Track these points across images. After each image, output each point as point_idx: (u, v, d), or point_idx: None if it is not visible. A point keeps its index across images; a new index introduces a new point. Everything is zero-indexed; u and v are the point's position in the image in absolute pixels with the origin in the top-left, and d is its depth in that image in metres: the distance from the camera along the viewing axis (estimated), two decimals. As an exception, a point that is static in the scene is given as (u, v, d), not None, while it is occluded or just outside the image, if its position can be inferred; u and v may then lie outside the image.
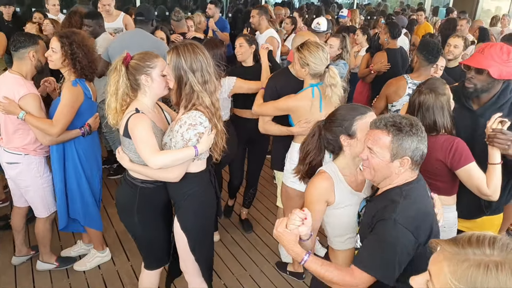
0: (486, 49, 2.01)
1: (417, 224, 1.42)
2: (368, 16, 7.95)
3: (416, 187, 1.52)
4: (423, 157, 1.49)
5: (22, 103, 2.41)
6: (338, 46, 3.65)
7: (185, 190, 2.03)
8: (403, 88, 3.09)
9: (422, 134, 1.47)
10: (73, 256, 3.06)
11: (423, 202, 1.51)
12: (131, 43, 3.30)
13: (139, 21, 3.60)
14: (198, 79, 1.87)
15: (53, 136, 2.42)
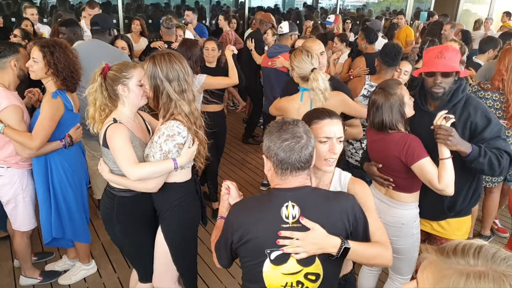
0: (445, 53, 2.06)
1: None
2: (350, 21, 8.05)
3: (274, 196, 1.44)
4: (283, 163, 1.38)
5: (3, 116, 2.35)
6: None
7: (171, 200, 2.02)
8: (360, 89, 3.19)
9: (276, 136, 1.38)
10: (58, 270, 3.01)
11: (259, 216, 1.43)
12: (88, 54, 3.01)
13: (94, 30, 3.39)
14: (175, 88, 1.87)
15: (32, 150, 2.36)
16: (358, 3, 12.26)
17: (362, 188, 1.63)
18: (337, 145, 1.59)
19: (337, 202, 1.45)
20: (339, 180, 1.67)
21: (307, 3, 10.19)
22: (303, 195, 1.42)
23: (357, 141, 3.13)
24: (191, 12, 5.62)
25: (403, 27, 7.09)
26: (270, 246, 1.40)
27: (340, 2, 9.93)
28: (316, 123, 1.60)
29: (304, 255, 1.38)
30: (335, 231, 1.39)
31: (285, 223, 1.39)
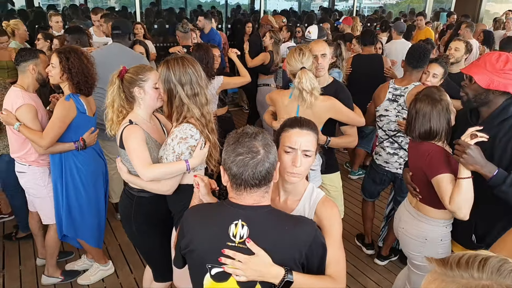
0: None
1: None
2: (368, 23, 7.99)
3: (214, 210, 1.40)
4: (236, 178, 1.29)
5: (17, 114, 2.50)
6: (332, 54, 3.67)
7: (183, 202, 2.04)
8: (384, 93, 3.08)
9: (231, 149, 1.29)
10: (78, 270, 3.10)
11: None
12: (109, 58, 3.19)
13: (115, 35, 3.50)
14: (187, 91, 1.91)
15: (42, 148, 2.47)
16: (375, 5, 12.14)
17: (331, 211, 1.52)
18: (301, 158, 1.48)
19: (292, 230, 1.33)
20: (310, 198, 1.57)
21: (323, 6, 10.14)
22: (256, 216, 1.32)
23: (401, 149, 3.00)
24: (203, 17, 5.66)
25: (423, 28, 6.94)
26: (211, 261, 1.34)
27: (357, 4, 9.84)
28: (286, 131, 1.53)
29: (243, 278, 1.31)
30: (282, 260, 1.31)
31: (231, 241, 1.31)
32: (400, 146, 3.02)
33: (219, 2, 8.71)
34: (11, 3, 6.83)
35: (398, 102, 2.98)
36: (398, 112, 2.99)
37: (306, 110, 2.44)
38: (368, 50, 4.44)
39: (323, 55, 2.68)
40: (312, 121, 1.58)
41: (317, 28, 4.26)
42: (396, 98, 2.99)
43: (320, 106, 2.46)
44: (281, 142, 1.52)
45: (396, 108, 3.00)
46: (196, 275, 1.42)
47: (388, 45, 5.42)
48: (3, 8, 6.81)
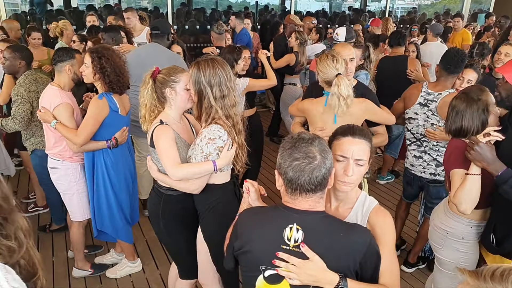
0: None
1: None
2: (401, 24, 7.80)
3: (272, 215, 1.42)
4: (292, 183, 1.29)
5: (55, 113, 2.59)
6: (360, 57, 3.64)
7: (209, 201, 2.09)
8: (416, 96, 2.99)
9: (288, 154, 1.29)
10: (107, 263, 3.19)
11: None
12: (146, 57, 3.32)
13: (154, 35, 3.60)
14: (216, 93, 1.94)
15: (76, 145, 2.56)
16: (409, 5, 11.85)
17: (384, 220, 1.50)
18: (353, 167, 1.46)
19: (347, 236, 1.33)
20: (362, 206, 1.55)
21: (353, 7, 9.99)
22: (311, 220, 1.33)
23: (426, 153, 2.96)
24: (234, 17, 5.70)
25: (460, 30, 6.71)
26: (265, 263, 1.36)
27: (390, 4, 9.63)
28: (337, 139, 1.52)
29: (297, 282, 1.32)
30: (337, 267, 1.31)
31: (285, 244, 1.33)
32: (425, 151, 2.97)
33: (250, 3, 8.75)
34: (50, 3, 7.12)
35: (429, 107, 2.90)
36: (428, 117, 2.92)
37: (345, 115, 2.39)
38: (396, 52, 4.34)
39: (351, 59, 2.66)
40: (366, 129, 1.57)
41: (345, 30, 4.23)
42: (428, 103, 2.91)
43: (357, 109, 2.43)
44: (333, 151, 1.48)
45: (426, 113, 2.92)
46: (248, 276, 1.44)
47: (423, 47, 5.27)
48: (42, 8, 7.10)
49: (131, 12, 4.74)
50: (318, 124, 2.51)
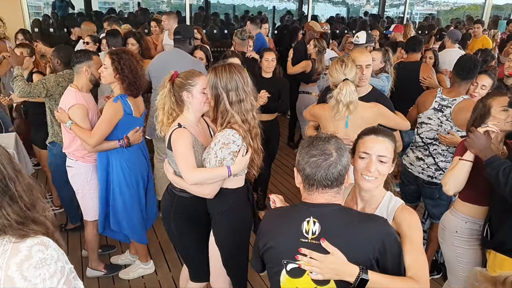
0: None
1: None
2: (419, 30, 7.70)
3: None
4: (309, 178, 1.36)
5: (70, 113, 2.64)
6: (381, 59, 3.65)
7: (222, 205, 2.09)
8: (430, 101, 2.97)
9: (305, 151, 1.37)
10: (120, 264, 3.22)
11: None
12: (168, 62, 3.43)
13: (176, 40, 3.65)
14: (232, 98, 1.95)
15: (90, 146, 2.60)
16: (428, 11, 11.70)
17: (410, 217, 1.52)
18: (376, 163, 1.53)
19: (364, 225, 1.37)
20: (387, 206, 1.58)
21: (369, 12, 9.89)
22: (327, 212, 1.38)
23: (429, 156, 2.96)
24: (249, 22, 5.72)
25: (480, 37, 6.61)
26: (287, 257, 1.41)
27: (408, 10, 9.53)
28: (361, 138, 1.59)
29: (320, 276, 1.35)
30: (356, 258, 1.33)
31: (304, 237, 1.38)
32: (430, 154, 2.96)
33: (267, 8, 8.78)
34: (72, 6, 7.27)
35: (443, 113, 2.89)
36: (441, 123, 2.90)
37: (356, 120, 2.42)
38: (411, 57, 4.29)
39: (367, 65, 2.64)
40: (389, 130, 1.63)
41: (366, 33, 4.21)
42: (442, 109, 2.90)
43: (369, 113, 2.45)
44: (357, 149, 1.58)
45: (440, 118, 2.91)
46: (274, 273, 1.49)
47: (442, 54, 5.19)
48: (64, 11, 7.26)
49: (167, 16, 4.78)
50: (330, 129, 2.52)
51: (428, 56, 4.60)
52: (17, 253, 1.07)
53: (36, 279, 1.07)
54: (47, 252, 1.11)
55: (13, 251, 1.07)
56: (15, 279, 1.05)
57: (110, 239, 3.41)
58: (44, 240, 1.13)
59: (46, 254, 1.11)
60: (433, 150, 2.95)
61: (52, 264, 1.11)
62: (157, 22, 5.39)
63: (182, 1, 7.37)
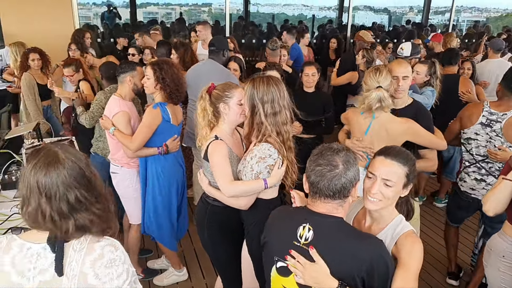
0: None
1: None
2: (466, 39, 7.38)
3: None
4: (313, 186, 1.42)
5: (114, 120, 2.76)
6: (426, 73, 3.52)
7: (255, 215, 2.10)
8: (477, 115, 2.80)
9: (313, 159, 1.42)
10: (157, 269, 3.30)
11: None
12: (202, 73, 3.52)
13: (210, 51, 3.72)
14: (267, 110, 1.97)
15: (131, 151, 2.70)
16: (476, 18, 11.21)
17: (412, 246, 1.48)
18: (379, 185, 1.50)
19: (356, 243, 1.39)
20: (394, 229, 1.55)
21: (412, 20, 9.58)
22: (323, 223, 1.42)
23: (489, 175, 2.81)
24: (285, 32, 5.72)
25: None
26: (278, 255, 1.49)
27: (454, 17, 9.14)
28: (374, 157, 1.60)
29: (301, 281, 1.41)
30: (340, 272, 1.36)
31: (297, 241, 1.44)
32: (489, 172, 2.79)
33: (306, 16, 8.76)
34: (119, 17, 7.62)
35: (492, 128, 2.73)
36: (490, 138, 2.74)
37: (381, 131, 2.39)
38: (448, 70, 4.07)
39: (404, 77, 2.56)
40: (407, 154, 1.58)
41: (411, 45, 4.06)
42: (491, 124, 2.74)
43: (396, 128, 2.39)
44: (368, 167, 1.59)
45: (489, 133, 2.75)
46: (267, 266, 1.59)
47: (482, 64, 4.92)
48: (112, 21, 7.62)
49: (203, 26, 4.90)
50: (356, 133, 2.53)
51: (466, 67, 4.40)
52: (92, 251, 1.20)
53: (105, 278, 1.19)
54: (116, 253, 1.22)
55: (89, 250, 1.20)
56: (88, 275, 1.18)
57: (147, 243, 3.50)
58: (114, 242, 1.25)
59: (116, 255, 1.22)
60: (490, 167, 2.80)
61: (120, 265, 1.22)
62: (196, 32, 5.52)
63: (222, 11, 7.50)
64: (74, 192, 1.17)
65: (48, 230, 1.18)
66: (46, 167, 1.15)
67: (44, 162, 1.16)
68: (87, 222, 1.18)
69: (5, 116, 4.47)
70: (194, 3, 7.91)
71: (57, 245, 1.18)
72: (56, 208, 1.15)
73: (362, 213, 1.66)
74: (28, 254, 1.18)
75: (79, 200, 1.18)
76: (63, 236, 1.17)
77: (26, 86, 4.25)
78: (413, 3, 9.75)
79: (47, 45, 4.73)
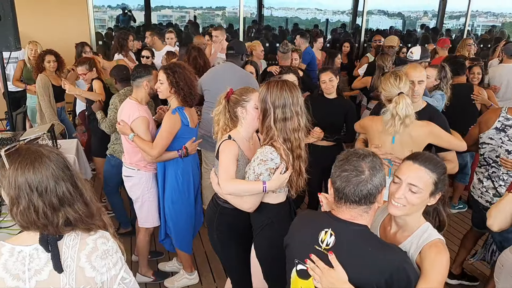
0: None
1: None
2: (481, 44, 7.27)
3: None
4: (338, 191, 1.40)
5: (133, 125, 2.75)
6: (436, 76, 3.50)
7: (262, 219, 2.11)
8: (493, 120, 2.78)
9: (339, 165, 1.41)
10: (168, 271, 3.30)
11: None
12: (222, 76, 3.51)
13: (229, 55, 3.75)
14: (278, 115, 1.96)
15: (152, 157, 2.69)
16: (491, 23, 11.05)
17: (435, 256, 1.44)
18: (404, 190, 1.48)
19: (377, 253, 1.36)
20: (420, 237, 1.51)
21: (426, 25, 9.48)
22: (346, 230, 1.40)
23: (488, 179, 2.81)
24: (299, 36, 5.71)
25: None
26: (299, 257, 1.50)
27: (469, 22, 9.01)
28: (402, 162, 1.58)
29: (319, 285, 1.41)
30: (359, 281, 1.35)
31: (318, 245, 1.44)
32: (489, 177, 2.79)
33: (320, 20, 8.74)
34: (133, 20, 7.69)
35: (506, 133, 2.72)
36: (502, 143, 2.73)
37: (404, 137, 2.37)
38: (457, 80, 4.02)
39: (420, 81, 2.56)
40: (437, 161, 1.54)
41: (421, 49, 4.06)
42: (505, 129, 2.73)
43: (419, 132, 2.38)
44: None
45: (502, 138, 2.74)
46: (288, 267, 1.59)
47: (493, 69, 4.91)
48: (126, 25, 7.69)
49: (220, 31, 4.92)
50: (375, 142, 2.50)
51: (476, 72, 4.37)
52: (85, 246, 1.25)
53: (103, 268, 1.25)
54: (108, 244, 1.29)
55: (82, 245, 1.25)
56: (85, 269, 1.23)
57: (158, 246, 3.51)
58: (105, 234, 1.30)
59: (108, 245, 1.28)
60: (492, 172, 2.79)
61: (113, 254, 1.29)
62: (210, 36, 5.54)
63: (236, 15, 7.53)
64: (63, 185, 1.22)
65: (40, 228, 1.21)
66: (32, 164, 1.18)
67: (29, 159, 1.19)
68: (74, 216, 1.22)
69: (20, 117, 4.54)
70: (208, 7, 7.94)
71: (50, 243, 1.21)
72: (48, 202, 1.19)
73: (388, 220, 1.64)
74: (20, 257, 1.20)
75: (69, 192, 1.22)
76: (55, 230, 1.21)
77: (41, 88, 4.30)
78: (428, 7, 9.65)
79: (62, 47, 4.80)
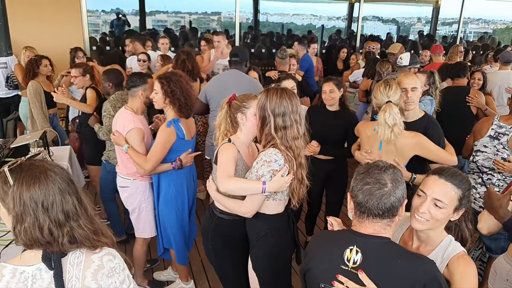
0: None
1: None
2: (473, 51, 7.34)
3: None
4: (361, 205, 1.36)
5: (128, 136, 2.68)
6: (425, 82, 3.52)
7: (258, 229, 2.08)
8: (487, 128, 2.83)
9: (360, 178, 1.38)
10: (163, 281, 3.24)
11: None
12: (228, 83, 3.49)
13: (233, 62, 3.71)
14: (278, 123, 1.94)
15: (145, 171, 2.63)
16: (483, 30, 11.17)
17: (465, 268, 1.44)
18: (429, 205, 1.47)
19: (408, 265, 1.33)
20: (445, 250, 1.51)
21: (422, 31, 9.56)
22: (372, 244, 1.36)
23: (482, 186, 2.83)
24: (297, 43, 5.70)
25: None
26: (324, 281, 1.41)
27: (462, 29, 9.13)
28: (427, 176, 1.56)
29: None
30: None
31: (345, 265, 1.37)
32: (483, 183, 2.82)
33: (315, 26, 8.74)
34: (128, 24, 7.62)
35: (499, 141, 2.76)
36: (497, 151, 2.76)
37: (389, 145, 2.40)
38: (457, 83, 4.14)
39: (413, 88, 2.57)
40: (463, 177, 1.53)
41: (410, 55, 4.12)
42: (499, 136, 2.77)
43: (404, 142, 2.39)
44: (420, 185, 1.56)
45: (496, 146, 2.77)
46: None
47: (491, 75, 4.96)
48: (121, 29, 7.63)
49: (222, 36, 4.90)
50: (365, 147, 2.55)
51: (477, 78, 4.43)
52: (91, 263, 1.20)
53: (110, 287, 1.20)
54: (115, 261, 1.24)
55: (87, 263, 1.19)
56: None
57: (153, 253, 3.45)
58: (111, 251, 1.25)
59: (115, 263, 1.24)
60: (487, 179, 2.80)
61: (121, 272, 1.24)
62: (206, 41, 5.50)
63: (232, 20, 7.51)
64: (69, 199, 1.17)
65: (43, 246, 1.16)
66: (37, 178, 1.14)
67: (34, 174, 1.14)
68: (79, 232, 1.18)
69: (11, 124, 4.45)
70: (203, 12, 7.91)
71: (54, 261, 1.16)
72: (54, 218, 1.14)
73: (408, 234, 1.62)
74: (22, 278, 1.15)
75: (75, 207, 1.18)
76: (59, 248, 1.15)
77: (32, 94, 4.22)
78: (421, 14, 9.73)
79: (56, 52, 4.75)
